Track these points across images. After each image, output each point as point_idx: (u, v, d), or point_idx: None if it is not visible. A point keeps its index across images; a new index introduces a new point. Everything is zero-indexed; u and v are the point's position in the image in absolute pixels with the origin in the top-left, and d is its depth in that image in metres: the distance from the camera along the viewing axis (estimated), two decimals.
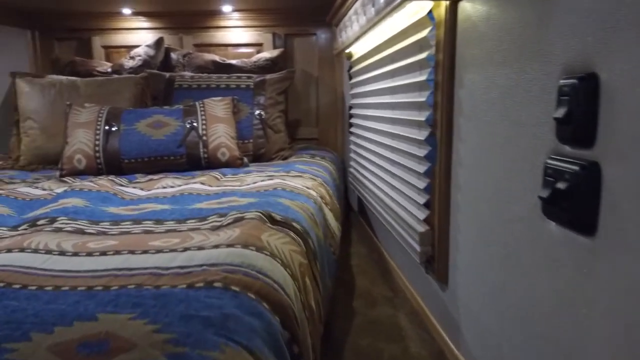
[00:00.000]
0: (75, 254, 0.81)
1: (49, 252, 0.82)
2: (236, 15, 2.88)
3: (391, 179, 1.49)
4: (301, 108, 2.97)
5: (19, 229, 1.07)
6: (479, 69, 0.93)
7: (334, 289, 1.38)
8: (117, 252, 0.81)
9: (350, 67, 2.35)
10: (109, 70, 2.69)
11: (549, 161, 0.68)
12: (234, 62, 2.67)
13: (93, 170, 1.89)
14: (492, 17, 0.86)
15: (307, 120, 2.99)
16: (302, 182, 1.51)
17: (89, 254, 0.81)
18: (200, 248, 0.79)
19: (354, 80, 2.23)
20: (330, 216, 1.42)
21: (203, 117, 2.05)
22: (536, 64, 0.73)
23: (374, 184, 1.76)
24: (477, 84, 0.94)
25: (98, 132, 1.92)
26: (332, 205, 1.52)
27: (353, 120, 2.31)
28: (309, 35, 2.91)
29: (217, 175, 1.70)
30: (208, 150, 1.98)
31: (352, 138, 2.33)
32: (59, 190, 1.47)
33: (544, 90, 0.71)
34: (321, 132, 2.98)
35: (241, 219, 0.95)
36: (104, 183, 1.59)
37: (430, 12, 1.13)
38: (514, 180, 0.80)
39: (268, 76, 2.41)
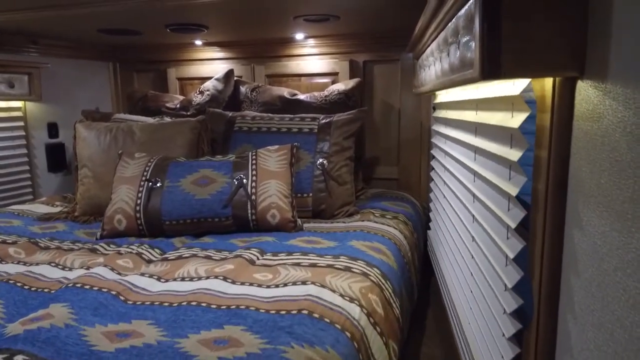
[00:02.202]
0: None
1: None
2: (311, 42, 2.60)
3: (471, 299, 1.07)
4: (380, 144, 2.60)
5: None
6: (613, 217, 0.51)
7: None
8: None
9: (434, 108, 1.93)
10: (178, 106, 2.58)
11: None
12: (302, 97, 2.38)
13: (134, 231, 1.73)
14: None
15: (387, 158, 2.61)
16: (347, 285, 1.16)
17: None
18: None
19: (435, 127, 1.82)
20: (378, 345, 1.05)
21: (254, 172, 1.79)
22: None
23: (452, 282, 1.34)
24: (607, 241, 0.52)
25: (141, 189, 1.76)
26: (385, 321, 1.14)
27: (432, 174, 1.89)
28: (391, 61, 2.53)
29: (254, 255, 1.41)
30: (256, 212, 1.71)
31: (431, 194, 1.91)
32: (72, 276, 1.29)
33: None
34: (402, 171, 2.57)
35: None
36: (124, 263, 1.39)
37: (528, 86, 0.71)
38: None
39: (335, 117, 2.09)
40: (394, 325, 1.21)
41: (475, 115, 1.03)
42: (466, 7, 0.80)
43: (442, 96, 1.61)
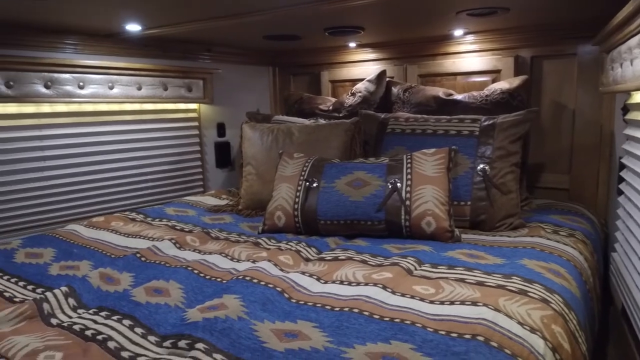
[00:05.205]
0: None
1: None
2: (470, 38, 2.43)
3: None
4: (547, 149, 2.32)
5: (164, 344, 0.98)
6: None
7: None
8: None
9: (626, 110, 1.63)
10: (331, 108, 2.63)
11: None
12: (459, 97, 2.23)
13: (291, 228, 1.80)
14: None
15: (555, 165, 2.32)
16: (524, 312, 1.02)
17: None
18: None
19: (630, 132, 1.53)
20: None
21: (409, 176, 1.71)
22: None
23: None
24: None
25: (299, 188, 1.82)
26: (572, 358, 0.98)
27: (623, 187, 1.59)
28: (566, 56, 2.23)
29: (411, 265, 1.34)
30: (410, 218, 1.64)
31: (619, 211, 1.62)
32: (240, 268, 1.38)
33: None
34: (574, 181, 2.26)
35: None
36: (286, 260, 1.44)
37: None
38: None
39: (499, 118, 1.90)
40: None
41: None
42: None
43: None
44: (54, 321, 1.13)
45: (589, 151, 2.18)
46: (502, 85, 2.15)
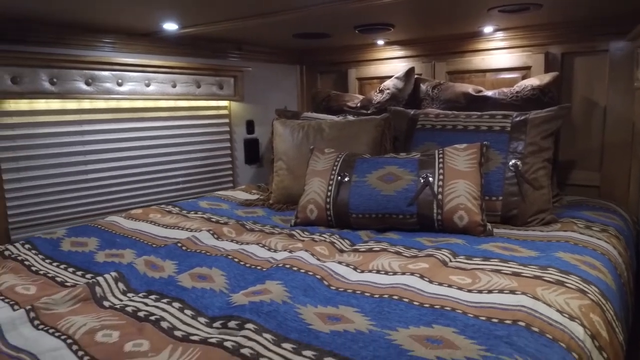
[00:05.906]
0: None
1: None
2: (499, 35, 2.44)
3: None
4: (577, 146, 2.31)
5: (213, 325, 1.03)
6: None
7: None
8: None
9: None
10: (359, 105, 2.66)
11: None
12: (489, 94, 2.24)
13: (323, 221, 1.84)
14: None
15: (585, 162, 2.31)
16: (562, 301, 1.04)
17: None
18: None
19: None
20: None
21: (441, 171, 1.74)
22: None
23: None
24: None
25: (331, 182, 1.86)
26: (610, 347, 0.99)
27: None
28: (597, 52, 2.22)
29: (446, 257, 1.37)
30: (442, 212, 1.66)
31: None
32: (278, 257, 1.43)
33: None
34: (605, 179, 2.25)
35: None
36: (321, 250, 1.48)
37: None
38: None
39: (531, 114, 1.90)
40: (619, 353, 1.05)
41: None
42: None
43: None
44: (106, 303, 1.19)
45: (620, 148, 2.17)
46: (533, 81, 2.16)
